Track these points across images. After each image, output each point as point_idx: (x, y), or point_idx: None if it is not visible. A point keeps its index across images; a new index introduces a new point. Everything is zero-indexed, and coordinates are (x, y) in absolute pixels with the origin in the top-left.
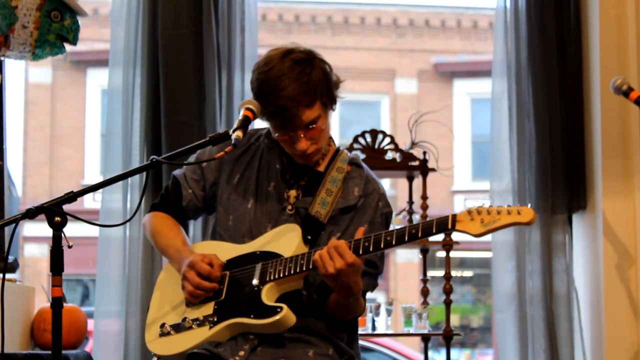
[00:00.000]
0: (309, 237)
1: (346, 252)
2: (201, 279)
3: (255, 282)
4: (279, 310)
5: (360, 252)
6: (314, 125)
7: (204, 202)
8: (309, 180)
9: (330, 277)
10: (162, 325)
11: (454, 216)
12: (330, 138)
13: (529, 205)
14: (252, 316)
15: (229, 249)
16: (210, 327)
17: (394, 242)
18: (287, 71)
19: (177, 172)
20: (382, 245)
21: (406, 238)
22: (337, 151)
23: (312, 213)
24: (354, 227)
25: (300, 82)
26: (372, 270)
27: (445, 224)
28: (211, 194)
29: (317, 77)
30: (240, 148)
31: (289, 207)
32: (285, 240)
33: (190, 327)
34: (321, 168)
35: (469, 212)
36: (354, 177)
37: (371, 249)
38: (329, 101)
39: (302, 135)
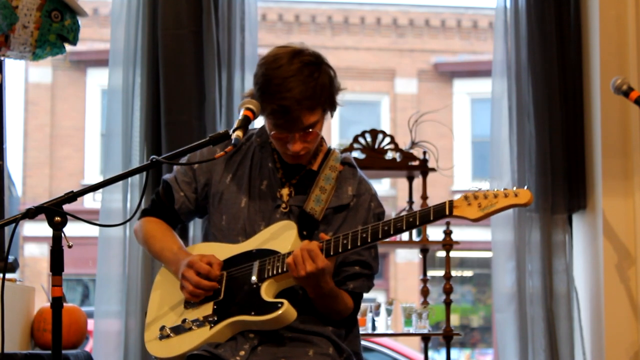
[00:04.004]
0: (305, 233)
1: (318, 256)
2: (200, 278)
3: (253, 279)
4: (279, 305)
5: (359, 243)
6: (311, 130)
7: (196, 205)
8: (300, 178)
9: (300, 279)
10: (162, 328)
11: (451, 202)
12: (322, 138)
13: (526, 187)
14: (252, 313)
15: (225, 249)
16: (211, 327)
17: (391, 232)
18: (295, 73)
19: (167, 176)
20: (380, 236)
21: (404, 227)
22: (329, 150)
23: (307, 210)
24: (347, 226)
25: (307, 86)
26: (367, 272)
27: (443, 210)
28: (203, 195)
29: (323, 82)
30: None
31: (283, 205)
32: (282, 237)
33: (190, 329)
34: (314, 167)
35: (466, 197)
36: (347, 177)
37: (369, 240)
38: (330, 107)
39: (297, 137)
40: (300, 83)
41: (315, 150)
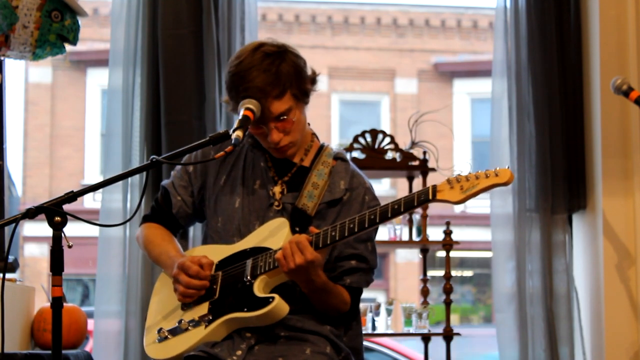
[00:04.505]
0: (297, 229)
1: (306, 248)
2: (191, 278)
3: (247, 277)
4: (271, 300)
5: (347, 234)
6: (285, 117)
7: (193, 208)
8: (293, 176)
9: (290, 273)
10: (160, 331)
11: (434, 187)
12: (314, 134)
13: (507, 167)
14: (245, 309)
15: (221, 250)
16: (206, 326)
17: (377, 220)
18: (256, 63)
19: (165, 182)
20: (366, 225)
21: (390, 214)
22: (322, 147)
23: (299, 206)
24: (341, 220)
25: (268, 73)
26: (364, 265)
27: (426, 195)
28: (199, 198)
29: (286, 68)
30: None
31: (276, 203)
32: (274, 234)
33: (186, 329)
34: (306, 163)
35: (449, 181)
36: (340, 171)
37: (357, 230)
38: (300, 93)
39: (273, 127)
40: (262, 72)
41: (307, 147)
